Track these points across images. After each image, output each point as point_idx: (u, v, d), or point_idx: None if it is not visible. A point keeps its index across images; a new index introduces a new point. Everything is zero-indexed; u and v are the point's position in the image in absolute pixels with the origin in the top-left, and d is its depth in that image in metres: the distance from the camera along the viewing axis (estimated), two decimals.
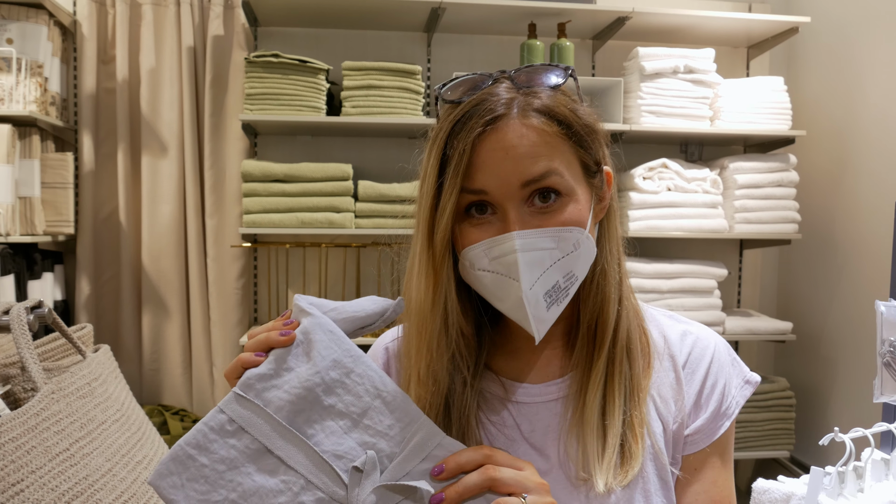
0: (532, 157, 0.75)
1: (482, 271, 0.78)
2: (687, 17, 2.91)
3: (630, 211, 2.83)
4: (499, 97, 0.77)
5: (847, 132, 2.94)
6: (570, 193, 0.78)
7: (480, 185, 0.76)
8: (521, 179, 0.75)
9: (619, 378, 0.83)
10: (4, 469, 0.80)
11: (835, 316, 3.00)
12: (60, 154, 2.77)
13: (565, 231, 0.77)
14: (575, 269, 0.79)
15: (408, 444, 0.66)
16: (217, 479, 0.65)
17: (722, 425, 0.86)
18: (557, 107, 0.78)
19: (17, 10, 2.65)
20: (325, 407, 0.66)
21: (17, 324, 0.93)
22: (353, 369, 0.67)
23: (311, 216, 2.75)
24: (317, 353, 0.66)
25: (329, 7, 2.82)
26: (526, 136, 0.76)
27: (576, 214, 0.78)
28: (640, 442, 0.81)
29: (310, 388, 0.66)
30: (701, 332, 0.91)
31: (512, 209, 0.76)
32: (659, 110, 2.85)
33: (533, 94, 0.78)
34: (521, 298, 0.76)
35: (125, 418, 1.03)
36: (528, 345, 0.89)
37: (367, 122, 2.74)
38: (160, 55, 2.96)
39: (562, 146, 0.78)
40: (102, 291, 3.01)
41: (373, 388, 0.67)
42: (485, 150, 0.76)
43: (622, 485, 0.79)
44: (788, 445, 3.04)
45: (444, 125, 0.79)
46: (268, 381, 0.66)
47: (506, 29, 3.07)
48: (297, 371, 0.66)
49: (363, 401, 0.66)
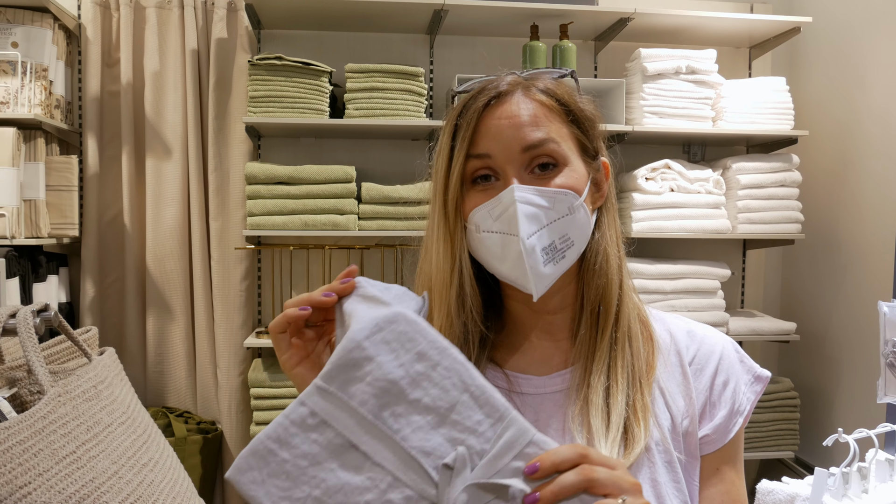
0: (532, 125, 0.83)
1: (486, 233, 0.84)
2: (689, 18, 2.91)
3: (633, 212, 2.83)
4: (504, 80, 0.87)
5: (850, 132, 2.94)
6: (566, 162, 0.85)
7: (485, 150, 0.84)
8: (521, 145, 0.83)
9: (622, 362, 0.86)
10: (12, 472, 0.80)
11: (839, 316, 3.00)
12: (65, 157, 2.78)
13: (560, 193, 0.83)
14: (570, 232, 0.84)
15: (498, 440, 0.63)
16: (299, 475, 0.62)
17: (736, 423, 0.88)
18: (558, 87, 0.87)
19: (21, 13, 2.66)
20: (410, 401, 0.62)
21: (23, 327, 0.93)
22: (439, 362, 0.63)
23: (315, 218, 2.75)
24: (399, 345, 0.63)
25: (332, 10, 2.83)
26: (527, 107, 0.84)
27: (572, 181, 0.84)
28: (644, 425, 0.82)
29: (394, 380, 0.62)
30: (707, 331, 0.93)
31: (512, 171, 0.83)
32: (661, 111, 2.86)
33: (536, 78, 0.89)
34: (520, 251, 0.82)
35: (131, 421, 1.03)
36: (532, 337, 0.91)
37: (371, 124, 2.75)
38: (164, 58, 2.97)
39: (560, 122, 0.86)
40: (107, 294, 3.02)
41: (460, 381, 0.63)
42: (490, 118, 0.84)
43: (626, 466, 0.80)
44: (793, 446, 3.04)
45: (458, 105, 0.88)
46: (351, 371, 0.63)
47: (508, 30, 3.08)
48: (380, 361, 0.62)
49: (450, 395, 0.63)
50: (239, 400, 3.03)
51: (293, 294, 3.10)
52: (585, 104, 0.89)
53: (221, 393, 3.03)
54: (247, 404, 3.00)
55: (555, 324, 0.91)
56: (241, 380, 3.02)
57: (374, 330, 0.63)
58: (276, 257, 3.09)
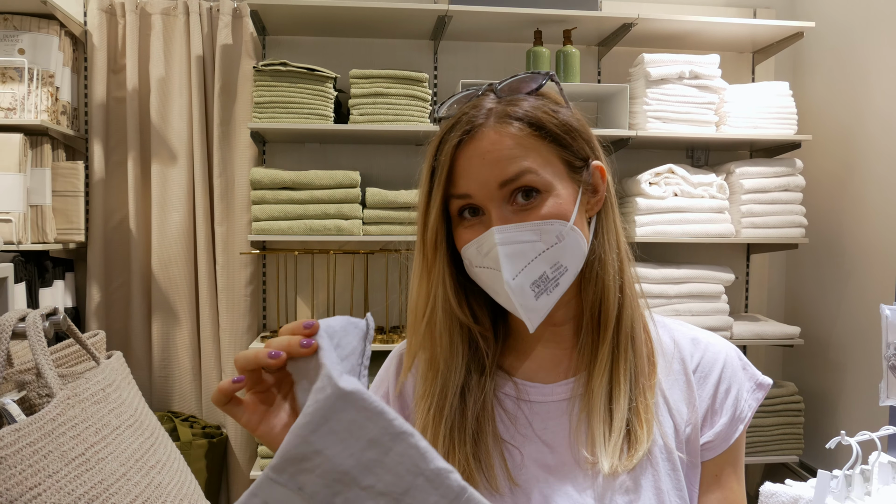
0: (507, 159, 0.82)
1: (479, 268, 0.85)
2: (692, 23, 2.92)
3: (637, 216, 2.84)
4: (480, 108, 0.85)
5: (853, 136, 2.95)
6: (550, 189, 0.83)
7: (464, 190, 0.83)
8: (497, 181, 0.82)
9: (625, 365, 0.86)
10: (23, 473, 0.81)
11: (843, 320, 3.00)
12: (71, 163, 2.80)
13: (546, 224, 0.82)
14: (562, 259, 0.84)
15: None
16: None
17: (737, 429, 0.88)
18: (532, 111, 0.84)
19: (28, 20, 2.69)
20: (363, 487, 0.62)
21: (33, 331, 0.94)
22: (391, 447, 0.62)
23: (320, 223, 2.77)
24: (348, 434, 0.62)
25: (336, 16, 2.85)
26: (499, 141, 0.82)
27: (556, 208, 0.83)
28: (646, 429, 0.83)
29: (345, 471, 0.61)
30: (711, 338, 0.93)
31: (494, 209, 0.83)
32: (665, 116, 2.86)
33: (511, 103, 0.85)
34: (505, 289, 0.83)
35: (138, 423, 1.04)
36: (539, 346, 0.92)
37: (375, 129, 2.76)
38: (169, 64, 2.99)
39: (537, 146, 0.83)
40: (113, 299, 3.03)
41: (414, 466, 0.62)
42: (464, 157, 0.83)
43: (628, 469, 0.82)
44: (797, 450, 3.04)
45: (435, 139, 0.87)
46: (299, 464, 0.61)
47: (511, 36, 3.09)
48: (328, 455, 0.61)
49: (404, 480, 0.62)
50: None
51: (298, 299, 3.12)
52: (564, 115, 0.86)
53: None
54: None
55: (561, 334, 0.92)
56: None
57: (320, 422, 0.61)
58: (281, 262, 3.10)
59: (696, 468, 0.87)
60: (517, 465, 0.86)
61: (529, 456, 0.86)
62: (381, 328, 3.07)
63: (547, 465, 0.85)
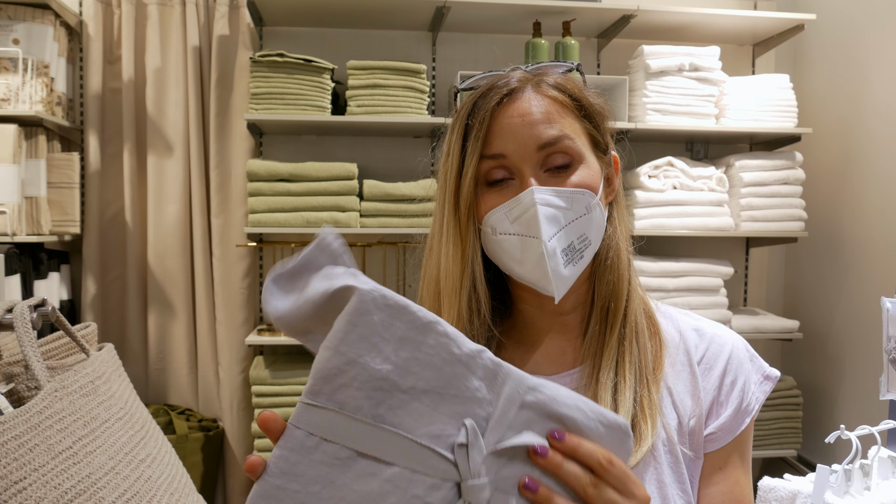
0: (546, 122, 0.82)
1: (504, 235, 0.83)
2: (692, 15, 2.90)
3: (636, 209, 2.83)
4: (513, 77, 0.85)
5: (853, 129, 2.93)
6: (582, 159, 0.84)
7: (499, 150, 0.82)
8: (536, 143, 0.81)
9: (630, 358, 0.85)
10: (7, 467, 0.80)
11: (842, 314, 2.99)
12: (66, 154, 2.78)
13: (578, 193, 0.82)
14: (588, 232, 0.83)
15: (499, 399, 0.60)
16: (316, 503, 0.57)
17: (743, 422, 0.87)
18: (567, 83, 0.85)
19: (23, 10, 2.66)
20: (404, 390, 0.58)
21: (20, 322, 0.93)
22: (423, 341, 0.59)
23: (317, 215, 2.75)
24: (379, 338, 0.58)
25: (334, 7, 2.83)
26: (540, 104, 0.83)
27: (588, 179, 0.83)
28: (651, 423, 0.82)
29: (383, 376, 0.58)
30: (717, 329, 0.92)
31: (529, 170, 0.82)
32: (664, 108, 2.85)
33: (545, 74, 0.86)
34: (542, 253, 0.81)
35: (128, 416, 1.03)
36: (545, 337, 0.91)
37: (372, 121, 2.74)
38: (166, 55, 2.97)
39: (572, 117, 0.84)
40: (108, 291, 3.02)
41: (449, 355, 0.59)
42: (503, 117, 0.83)
43: (631, 464, 0.80)
44: (796, 444, 3.03)
45: (467, 103, 0.86)
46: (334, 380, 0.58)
47: (511, 27, 3.07)
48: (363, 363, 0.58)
49: (444, 372, 0.59)
50: (240, 397, 3.02)
51: None
52: (594, 98, 0.88)
53: (223, 390, 3.03)
54: (248, 402, 3.00)
55: (567, 323, 0.91)
56: (242, 377, 3.02)
57: (348, 329, 0.58)
58: (278, 255, 3.08)
59: (700, 461, 0.86)
60: None
61: None
62: None
63: None
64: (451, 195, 0.86)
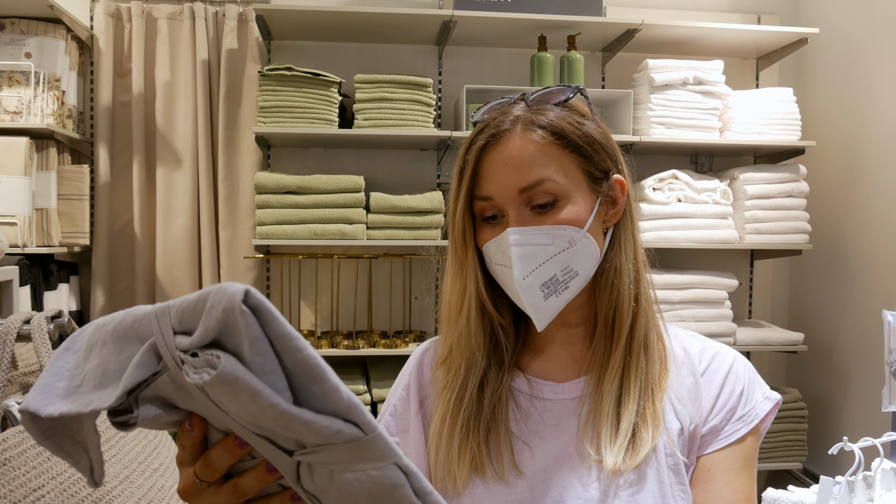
0: (528, 165, 0.87)
1: (497, 265, 0.90)
2: (696, 29, 2.92)
3: (640, 222, 2.84)
4: (508, 115, 0.90)
5: (857, 142, 2.95)
6: (567, 197, 0.88)
7: (486, 192, 0.89)
8: (517, 186, 0.87)
9: (636, 373, 0.90)
10: (27, 475, 0.82)
11: (846, 326, 3.00)
12: (77, 166, 2.81)
13: (559, 229, 0.87)
14: (573, 264, 0.88)
15: None
16: None
17: (738, 430, 0.90)
18: (557, 121, 0.89)
19: (35, 24, 2.70)
20: None
21: (38, 333, 0.95)
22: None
23: (324, 228, 2.77)
24: None
25: (341, 21, 2.86)
26: (523, 147, 0.87)
27: (572, 215, 0.88)
28: (652, 433, 0.86)
29: None
30: (722, 348, 0.97)
31: (512, 211, 0.88)
32: (668, 121, 2.86)
33: (538, 112, 0.89)
34: (516, 290, 0.88)
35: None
36: (554, 345, 0.97)
37: (379, 134, 2.76)
38: (175, 69, 3.00)
39: (559, 155, 0.88)
40: (117, 302, 3.04)
41: None
42: (489, 160, 0.89)
43: (631, 467, 0.85)
44: (801, 457, 3.03)
45: (465, 141, 0.92)
46: None
47: (516, 42, 3.09)
48: None
49: None
50: None
51: (301, 303, 3.12)
52: (589, 128, 0.91)
53: None
54: None
55: (575, 335, 0.96)
56: None
57: None
58: (285, 266, 3.10)
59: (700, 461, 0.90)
60: (525, 458, 0.89)
61: (537, 449, 0.90)
62: (385, 332, 3.08)
63: (554, 459, 0.89)
64: (450, 229, 0.94)
